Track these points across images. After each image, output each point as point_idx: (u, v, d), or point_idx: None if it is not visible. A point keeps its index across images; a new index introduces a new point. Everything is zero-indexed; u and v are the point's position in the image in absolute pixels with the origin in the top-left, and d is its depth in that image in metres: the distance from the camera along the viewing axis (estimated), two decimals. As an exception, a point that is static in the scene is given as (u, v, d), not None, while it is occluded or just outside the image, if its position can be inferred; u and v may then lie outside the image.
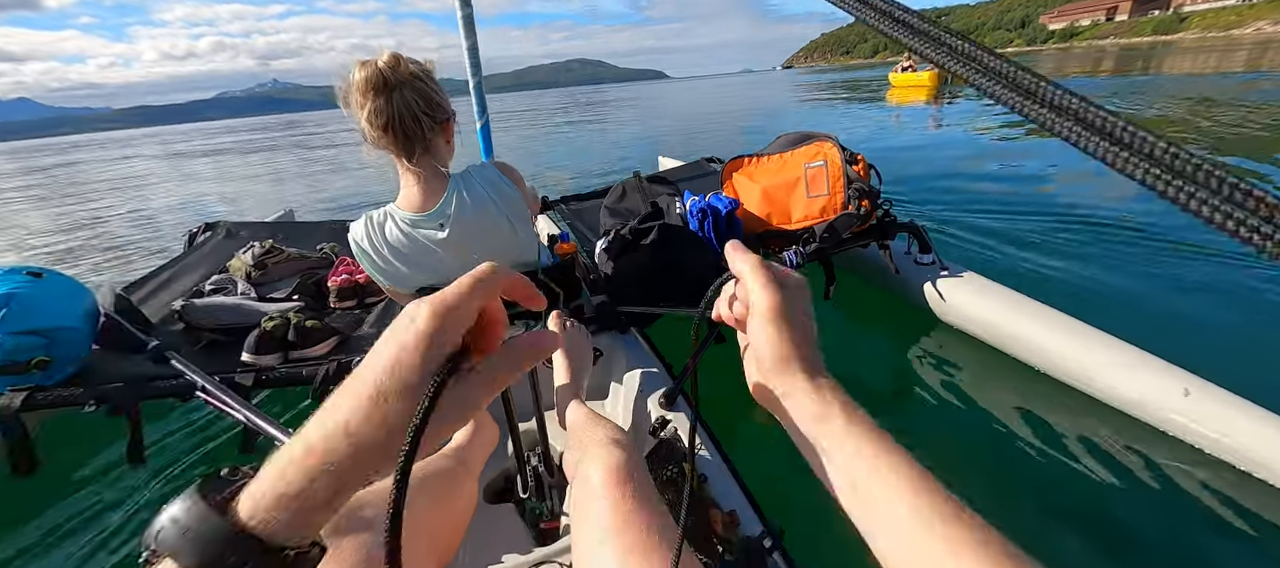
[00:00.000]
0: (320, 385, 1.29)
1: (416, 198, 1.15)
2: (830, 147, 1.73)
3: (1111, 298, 2.12)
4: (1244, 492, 1.16)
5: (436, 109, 1.08)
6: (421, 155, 1.10)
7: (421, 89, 1.05)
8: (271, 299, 1.80)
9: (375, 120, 1.03)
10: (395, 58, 1.03)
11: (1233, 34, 61.18)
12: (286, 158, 12.73)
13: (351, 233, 1.19)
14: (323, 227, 2.68)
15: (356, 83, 1.02)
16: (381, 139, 1.06)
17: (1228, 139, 5.31)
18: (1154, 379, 1.29)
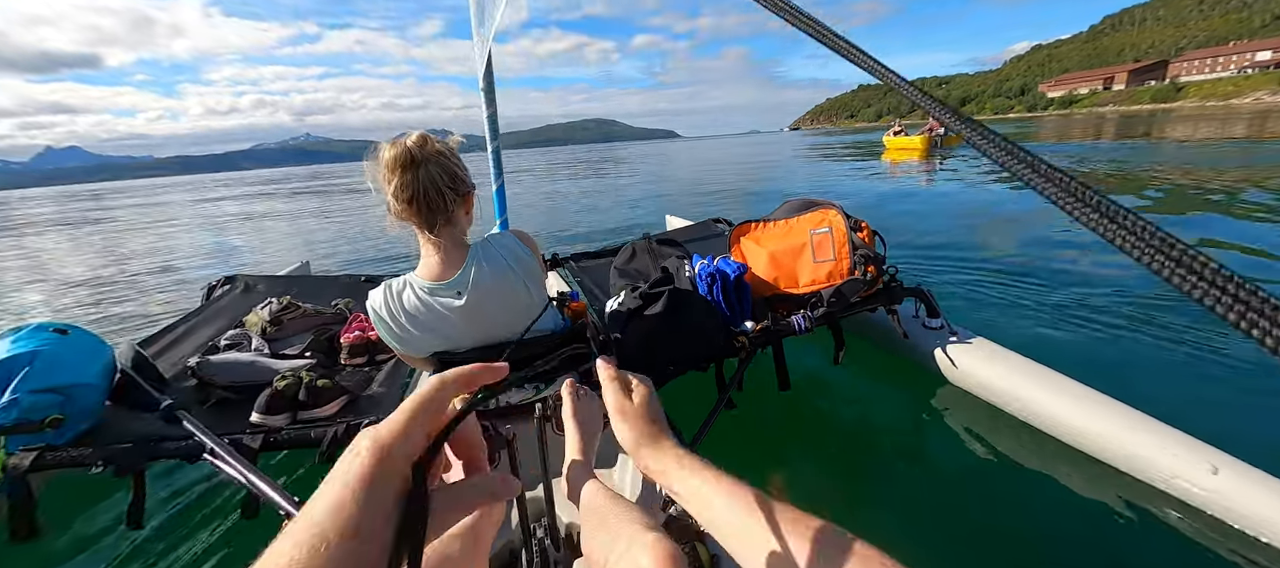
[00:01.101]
0: (328, 448, 1.28)
1: (436, 268, 1.20)
2: (835, 213, 1.78)
3: (1121, 365, 2.10)
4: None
5: (458, 183, 1.15)
6: (443, 226, 1.16)
7: (445, 165, 1.12)
8: (285, 355, 1.82)
9: (401, 194, 1.09)
10: (423, 137, 1.12)
11: (1232, 103, 62.64)
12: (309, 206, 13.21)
13: (370, 300, 1.23)
14: (338, 282, 2.75)
15: (386, 160, 1.09)
16: (405, 211, 1.12)
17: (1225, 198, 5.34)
18: (1177, 452, 1.25)
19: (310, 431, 1.34)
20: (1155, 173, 8.23)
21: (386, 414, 1.21)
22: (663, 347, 1.52)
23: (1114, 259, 3.51)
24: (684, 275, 1.84)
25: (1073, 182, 0.28)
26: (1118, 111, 68.69)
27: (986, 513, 1.41)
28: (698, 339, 1.56)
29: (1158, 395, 1.81)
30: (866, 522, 1.43)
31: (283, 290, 2.38)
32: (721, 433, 1.48)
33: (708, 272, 1.77)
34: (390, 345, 1.27)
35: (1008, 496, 1.45)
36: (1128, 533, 1.27)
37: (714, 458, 1.31)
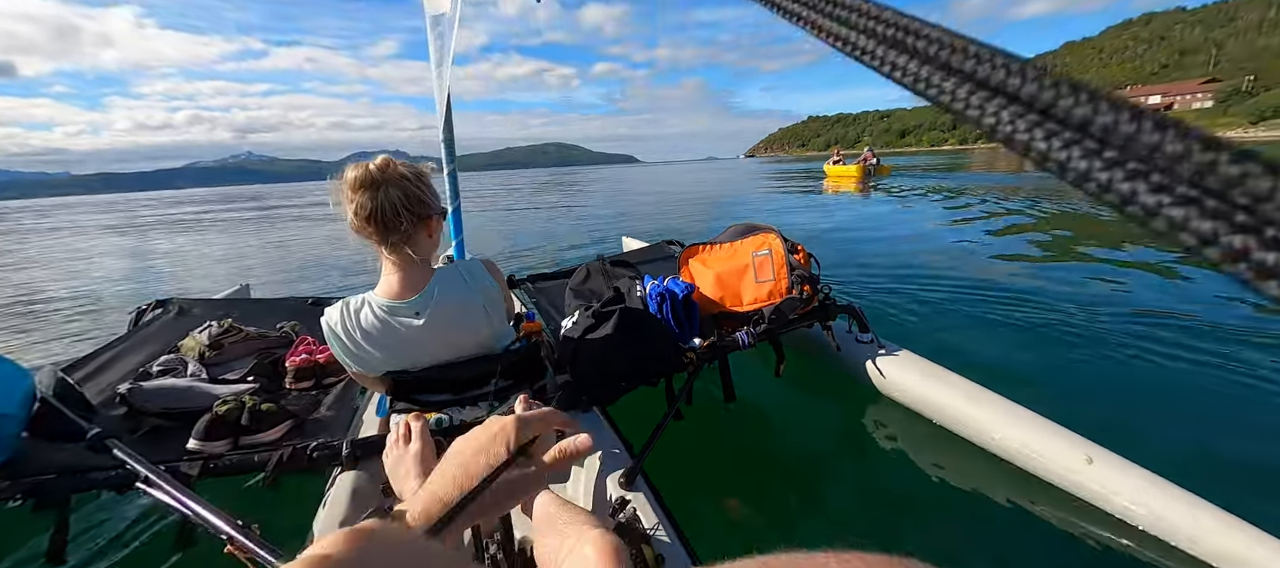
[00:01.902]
0: (271, 473, 1.26)
1: (395, 287, 1.22)
2: (774, 237, 1.92)
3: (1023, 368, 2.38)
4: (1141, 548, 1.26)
5: (418, 206, 1.17)
6: (397, 245, 1.18)
7: (407, 188, 1.15)
8: (225, 381, 1.76)
9: (360, 213, 1.13)
10: (387, 161, 1.16)
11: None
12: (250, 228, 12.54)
13: (326, 317, 1.23)
14: (283, 304, 2.66)
15: (348, 180, 1.13)
16: (363, 228, 1.15)
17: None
18: (1060, 446, 1.44)
19: (253, 455, 1.31)
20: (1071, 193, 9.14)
21: (336, 438, 1.25)
22: (615, 363, 1.59)
23: (1022, 278, 3.89)
24: (636, 295, 1.92)
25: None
26: (1037, 146, 75.50)
27: (908, 509, 1.55)
28: (648, 355, 1.64)
29: (1047, 394, 2.06)
30: (802, 521, 1.53)
31: (222, 313, 2.29)
32: (671, 443, 1.55)
33: (658, 291, 1.86)
34: (344, 364, 1.27)
35: (927, 493, 1.60)
36: (1016, 518, 1.44)
37: (663, 466, 1.40)
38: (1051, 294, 3.46)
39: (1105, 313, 3.03)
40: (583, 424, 1.46)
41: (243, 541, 1.00)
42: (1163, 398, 2.07)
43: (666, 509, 1.14)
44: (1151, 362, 2.36)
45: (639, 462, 1.25)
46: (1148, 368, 2.31)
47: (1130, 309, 3.08)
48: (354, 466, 1.29)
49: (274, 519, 1.21)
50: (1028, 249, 5.24)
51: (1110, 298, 3.35)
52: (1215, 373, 2.22)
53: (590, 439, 0.60)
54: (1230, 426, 1.85)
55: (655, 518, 1.10)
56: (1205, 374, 2.22)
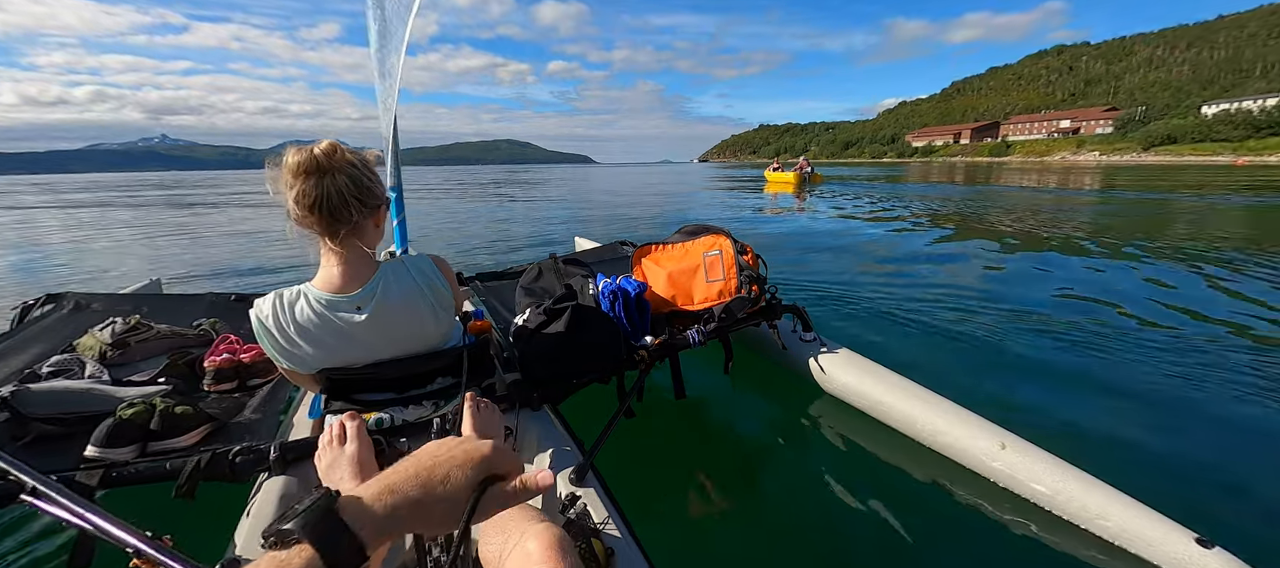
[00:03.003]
0: (187, 481, 1.15)
1: (336, 279, 1.14)
2: (724, 239, 1.97)
3: (953, 363, 2.58)
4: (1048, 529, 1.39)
5: (367, 195, 1.11)
6: (346, 236, 1.11)
7: (355, 175, 1.08)
8: (131, 382, 1.60)
9: (302, 201, 1.04)
10: (333, 146, 1.07)
11: (1045, 159, 77.46)
12: (164, 219, 11.42)
13: (256, 309, 1.14)
14: (202, 300, 2.45)
15: (289, 165, 1.04)
16: (306, 218, 1.07)
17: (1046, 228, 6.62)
18: (979, 434, 1.57)
19: (165, 463, 1.20)
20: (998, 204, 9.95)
21: (262, 442, 1.18)
22: (566, 360, 1.57)
23: (948, 280, 4.19)
24: (588, 293, 1.91)
25: None
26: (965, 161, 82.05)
27: (845, 495, 1.63)
28: (600, 353, 1.63)
29: (968, 386, 2.25)
30: (748, 511, 1.58)
31: (129, 310, 2.08)
32: (622, 440, 1.56)
33: (610, 289, 1.86)
34: (274, 359, 1.18)
35: (862, 480, 1.70)
36: (940, 501, 1.56)
37: (615, 463, 1.40)
38: (975, 295, 3.77)
39: (1019, 312, 3.33)
40: (533, 422, 1.44)
41: (152, 554, 0.91)
42: (1072, 388, 2.29)
43: (617, 504, 1.14)
44: (1064, 355, 2.61)
45: (589, 458, 1.24)
46: (1060, 361, 2.55)
47: (1042, 309, 3.39)
48: (283, 471, 1.20)
49: (190, 532, 1.11)
50: (954, 254, 5.67)
51: (1025, 298, 3.68)
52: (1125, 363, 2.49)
53: (552, 477, 0.58)
54: (1129, 413, 2.07)
55: (606, 513, 1.10)
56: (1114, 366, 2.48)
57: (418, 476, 0.51)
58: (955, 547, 1.43)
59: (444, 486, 0.51)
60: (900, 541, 1.46)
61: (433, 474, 0.52)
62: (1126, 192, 14.37)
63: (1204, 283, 4.12)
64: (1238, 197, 12.06)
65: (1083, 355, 2.61)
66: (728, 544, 1.45)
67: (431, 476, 0.51)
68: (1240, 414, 2.03)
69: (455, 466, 0.52)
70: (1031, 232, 7.11)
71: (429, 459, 0.53)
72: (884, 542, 1.45)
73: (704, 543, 1.46)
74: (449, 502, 0.51)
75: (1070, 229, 7.24)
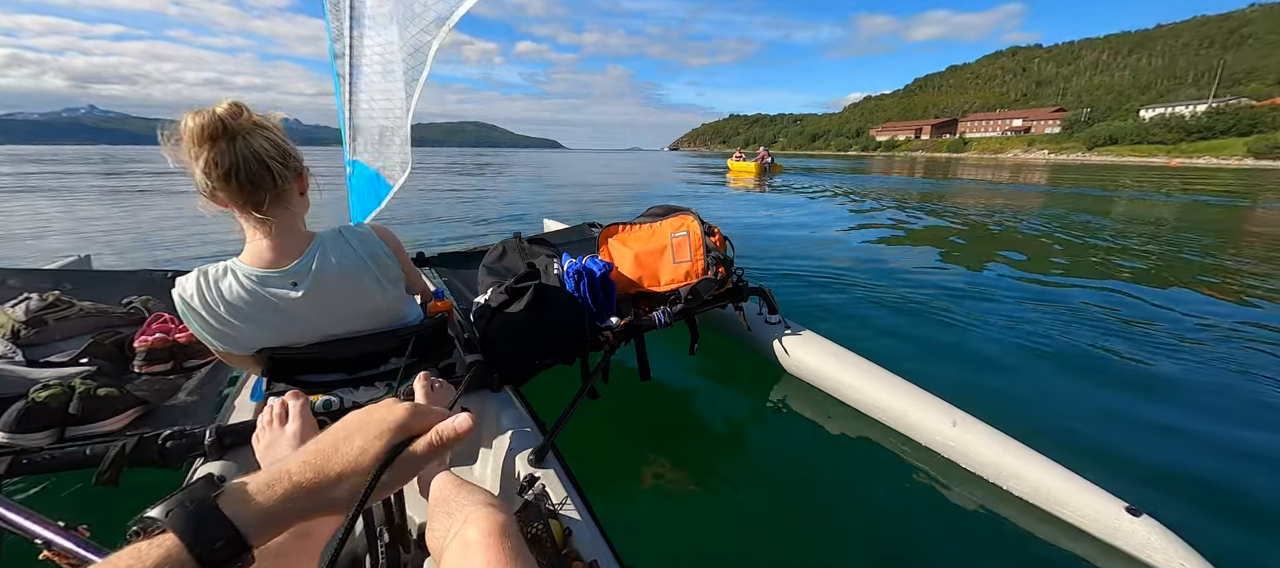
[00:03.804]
0: (110, 467, 1.06)
1: (266, 253, 1.05)
2: (692, 219, 1.96)
3: (903, 343, 2.70)
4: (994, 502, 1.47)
5: (288, 158, 1.02)
6: (271, 205, 1.02)
7: (269, 136, 0.98)
8: (48, 363, 1.47)
9: (213, 170, 0.94)
10: (237, 106, 0.96)
11: (999, 157, 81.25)
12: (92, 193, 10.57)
13: (178, 288, 1.04)
14: (133, 277, 2.27)
15: (190, 130, 0.92)
16: (222, 189, 0.96)
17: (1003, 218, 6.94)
18: (932, 413, 1.63)
19: (85, 448, 1.10)
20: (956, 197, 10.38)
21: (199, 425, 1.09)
22: (529, 341, 1.54)
23: (905, 266, 4.34)
24: (552, 273, 1.87)
25: None
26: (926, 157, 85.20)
27: (806, 472, 1.68)
28: (564, 334, 1.60)
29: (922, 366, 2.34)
30: (711, 490, 1.59)
31: (49, 286, 1.90)
32: (585, 421, 1.53)
33: (575, 269, 1.82)
34: (206, 342, 1.09)
35: (823, 458, 1.75)
36: (897, 475, 1.62)
37: (578, 444, 1.37)
38: (930, 281, 3.93)
39: (973, 295, 3.50)
40: (494, 404, 1.40)
41: (64, 545, 0.84)
42: (1022, 368, 2.41)
43: (577, 484, 1.13)
44: (1010, 337, 2.74)
45: (550, 439, 1.22)
46: (1006, 343, 2.68)
47: (995, 293, 3.57)
48: (220, 456, 1.12)
49: (111, 521, 1.03)
50: (914, 243, 5.88)
51: (978, 283, 3.85)
52: (1067, 349, 2.62)
53: (470, 420, 0.53)
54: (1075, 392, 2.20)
55: (565, 493, 1.08)
56: (1059, 349, 2.62)
57: (317, 454, 0.47)
58: (907, 517, 1.49)
59: (348, 460, 0.47)
60: (857, 514, 1.51)
61: (335, 450, 0.47)
62: (1074, 187, 15.25)
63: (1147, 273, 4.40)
64: (1175, 196, 12.93)
65: (1034, 337, 2.75)
66: (688, 522, 1.46)
67: (333, 451, 0.47)
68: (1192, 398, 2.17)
69: (362, 435, 0.48)
70: (987, 223, 7.44)
71: (331, 436, 0.49)
72: (842, 518, 1.50)
73: (665, 522, 1.47)
74: (356, 476, 0.47)
75: (1022, 220, 7.62)
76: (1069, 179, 20.20)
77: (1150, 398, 2.13)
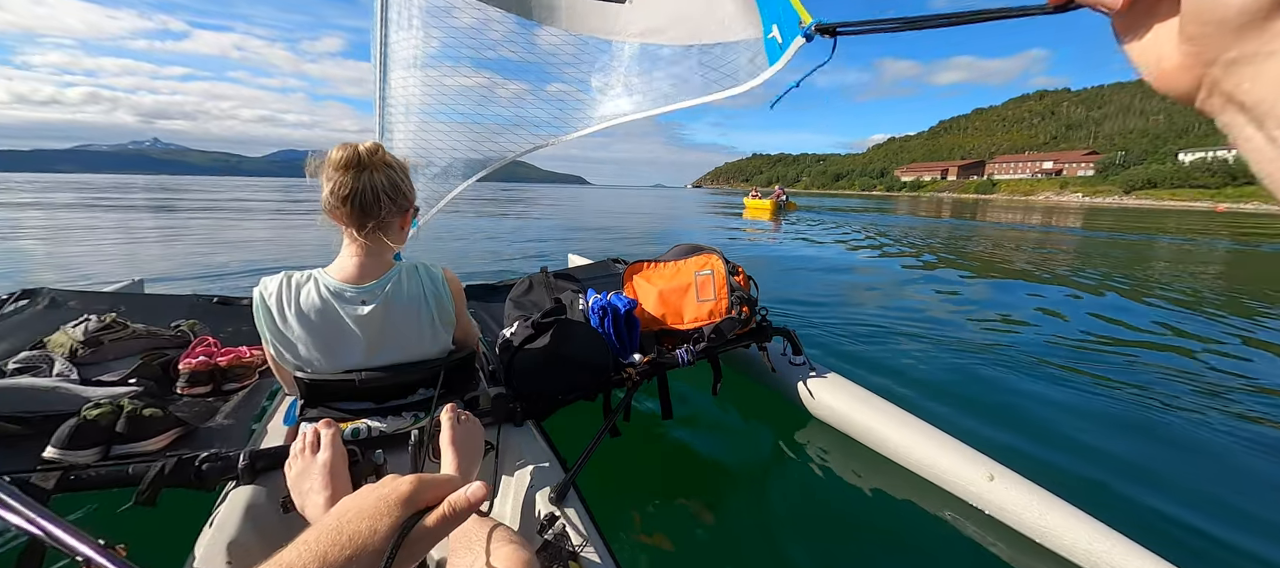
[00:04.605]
0: (149, 487, 1.10)
1: (351, 270, 1.16)
2: (716, 258, 1.97)
3: (939, 390, 2.57)
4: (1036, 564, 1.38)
5: (399, 196, 1.15)
6: (373, 230, 1.14)
7: (391, 176, 1.13)
8: (100, 382, 1.55)
9: (338, 192, 1.09)
10: (376, 146, 1.13)
11: (1029, 198, 79.55)
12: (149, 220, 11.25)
13: (261, 285, 1.15)
14: (182, 301, 2.39)
15: (333, 160, 1.09)
16: (338, 209, 1.11)
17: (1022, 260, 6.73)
18: (967, 464, 1.55)
19: (128, 467, 1.14)
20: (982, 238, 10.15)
21: (233, 448, 1.13)
22: (552, 375, 1.55)
23: (936, 309, 4.23)
24: (577, 308, 1.89)
25: None
26: (952, 197, 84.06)
27: (833, 523, 1.62)
28: (587, 369, 1.61)
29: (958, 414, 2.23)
30: (734, 537, 1.54)
31: (106, 308, 2.02)
32: (607, 459, 1.52)
33: (600, 305, 1.84)
34: (264, 342, 1.16)
35: (851, 508, 1.68)
36: (928, 529, 1.55)
37: (599, 483, 1.36)
38: (964, 327, 3.79)
39: (1008, 342, 3.36)
40: (515, 438, 1.41)
41: (103, 562, 0.86)
42: (1062, 421, 2.28)
43: (598, 526, 1.11)
44: (1052, 387, 2.62)
45: (571, 477, 1.21)
46: (1048, 393, 2.56)
47: (1032, 340, 3.42)
48: (252, 480, 1.15)
49: (148, 540, 1.06)
50: (943, 284, 5.72)
51: (1017, 333, 3.70)
52: (1117, 401, 2.49)
53: (484, 489, 0.53)
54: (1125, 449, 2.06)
55: (585, 535, 1.06)
56: (1105, 402, 2.49)
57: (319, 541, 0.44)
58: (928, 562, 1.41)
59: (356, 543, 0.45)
60: (873, 553, 1.45)
61: (339, 533, 0.45)
62: (1118, 233, 14.64)
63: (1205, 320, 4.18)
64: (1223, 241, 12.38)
65: (1078, 389, 2.62)
66: (711, 570, 1.42)
67: (337, 534, 0.45)
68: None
69: (369, 516, 0.46)
70: (1022, 266, 7.22)
71: (334, 519, 0.47)
72: (860, 553, 1.43)
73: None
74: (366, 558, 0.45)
75: (1061, 264, 7.38)
76: (1106, 223, 19.59)
77: (1204, 462, 1.99)
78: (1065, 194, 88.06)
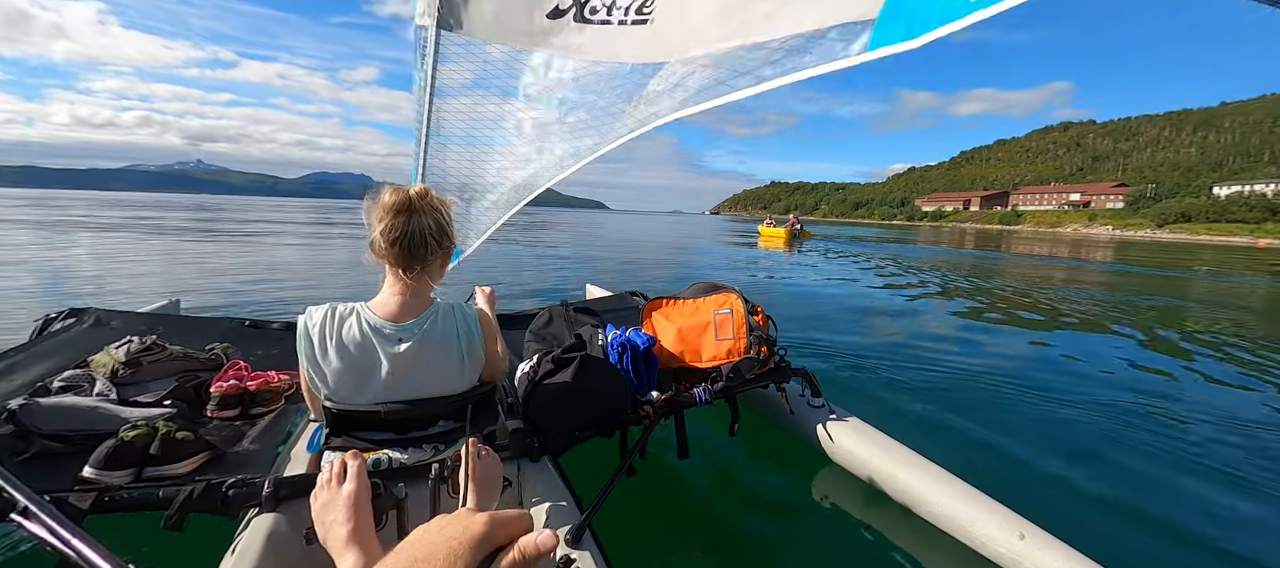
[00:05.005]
0: (177, 512, 1.13)
1: (393, 308, 1.20)
2: (735, 297, 1.98)
3: (967, 441, 2.50)
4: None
5: (444, 238, 1.21)
6: (419, 273, 1.19)
7: (438, 219, 1.19)
8: (137, 403, 1.60)
9: (388, 234, 1.14)
10: (425, 190, 1.19)
11: (1056, 230, 77.76)
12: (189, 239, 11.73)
13: (307, 313, 1.19)
14: (216, 324, 2.48)
15: (385, 203, 1.14)
16: (388, 252, 1.16)
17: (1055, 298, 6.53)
18: (995, 520, 1.49)
19: (158, 490, 1.18)
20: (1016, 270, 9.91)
21: (258, 474, 1.17)
22: (571, 411, 1.56)
23: (965, 348, 4.12)
24: (597, 343, 1.91)
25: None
26: (975, 228, 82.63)
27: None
28: (605, 406, 1.61)
29: (985, 465, 2.16)
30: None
31: (146, 329, 2.11)
32: (622, 498, 1.51)
33: (619, 341, 1.86)
34: (302, 367, 1.19)
35: (870, 560, 1.63)
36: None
37: (614, 522, 1.35)
38: (989, 368, 3.68)
39: (1037, 392, 3.23)
40: (532, 474, 1.41)
41: (132, 586, 0.89)
42: (1097, 475, 2.19)
43: None
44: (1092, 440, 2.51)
45: (587, 518, 1.20)
46: (1075, 444, 2.46)
47: (1062, 393, 3.29)
48: (274, 508, 1.18)
49: (174, 563, 1.08)
50: (968, 324, 5.58)
51: (1043, 379, 3.57)
52: (1154, 455, 2.38)
53: (554, 539, 0.53)
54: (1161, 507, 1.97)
55: None
56: (1144, 456, 2.38)
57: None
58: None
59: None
60: None
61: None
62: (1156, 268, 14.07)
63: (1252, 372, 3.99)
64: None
65: (1112, 443, 2.51)
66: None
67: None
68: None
69: (443, 557, 0.46)
70: (1053, 305, 7.01)
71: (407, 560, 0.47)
72: None
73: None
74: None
75: (1093, 305, 7.14)
76: (1139, 257, 18.97)
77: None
78: (1094, 226, 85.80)
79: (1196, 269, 14.22)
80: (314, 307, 1.20)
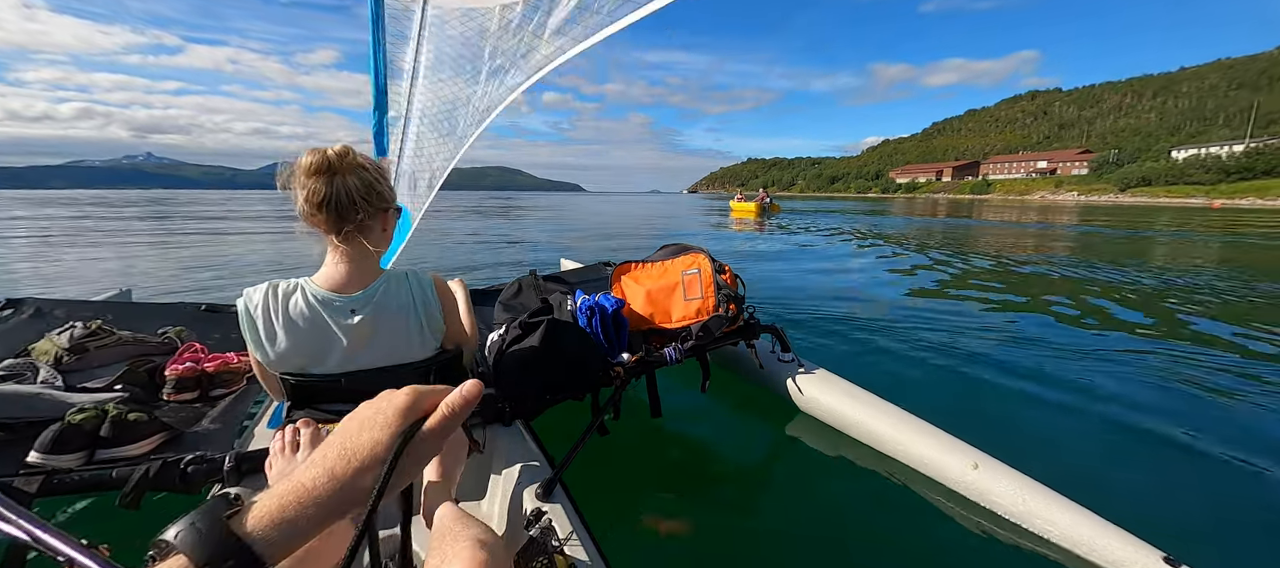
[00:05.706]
0: (133, 490, 1.10)
1: (338, 278, 1.15)
2: (703, 257, 1.98)
3: (921, 382, 2.64)
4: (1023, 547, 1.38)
5: (375, 197, 1.13)
6: (351, 234, 1.13)
7: (365, 177, 1.11)
8: (85, 388, 1.55)
9: (312, 198, 1.07)
10: (346, 149, 1.10)
11: (1025, 198, 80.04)
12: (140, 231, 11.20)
13: (246, 295, 1.14)
14: (170, 309, 2.39)
15: (302, 166, 1.07)
16: (314, 216, 1.09)
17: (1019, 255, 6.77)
18: (953, 454, 1.58)
19: (111, 471, 1.14)
20: (981, 236, 10.20)
21: (218, 452, 1.13)
22: (540, 375, 1.55)
23: (920, 307, 4.25)
24: (566, 308, 1.90)
25: None
26: (948, 198, 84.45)
27: (823, 514, 1.62)
28: (575, 369, 1.61)
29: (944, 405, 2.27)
30: (723, 530, 1.55)
31: (92, 316, 2.02)
32: (595, 457, 1.52)
33: (588, 305, 1.85)
34: (251, 351, 1.15)
35: (839, 499, 1.69)
36: (915, 517, 1.56)
37: (588, 480, 1.36)
38: (948, 321, 3.82)
39: (993, 338, 3.38)
40: (504, 438, 1.41)
41: (86, 562, 0.86)
42: (1046, 410, 2.31)
43: (584, 520, 1.12)
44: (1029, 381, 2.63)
45: (557, 473, 1.21)
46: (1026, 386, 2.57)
47: (1013, 338, 3.43)
48: (237, 482, 1.15)
49: (131, 542, 1.05)
50: (927, 283, 5.75)
51: (998, 327, 3.72)
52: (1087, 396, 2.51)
53: (478, 386, 0.54)
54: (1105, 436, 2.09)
55: (572, 529, 1.07)
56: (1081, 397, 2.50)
57: (326, 458, 0.47)
58: (930, 564, 1.42)
59: (362, 457, 0.47)
60: (876, 559, 1.44)
61: (344, 449, 0.47)
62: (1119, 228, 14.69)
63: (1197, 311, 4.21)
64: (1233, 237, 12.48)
65: (1058, 382, 2.64)
66: (697, 564, 1.42)
67: (343, 450, 0.47)
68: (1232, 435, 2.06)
69: (371, 429, 0.48)
70: (1017, 264, 7.26)
71: (338, 437, 0.49)
72: (861, 563, 1.43)
73: (674, 563, 1.43)
74: (374, 469, 0.47)
75: (1045, 257, 7.42)
76: (1103, 219, 19.71)
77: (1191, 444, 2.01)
78: (1061, 193, 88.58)
79: (1156, 228, 14.85)
80: (251, 288, 1.15)
